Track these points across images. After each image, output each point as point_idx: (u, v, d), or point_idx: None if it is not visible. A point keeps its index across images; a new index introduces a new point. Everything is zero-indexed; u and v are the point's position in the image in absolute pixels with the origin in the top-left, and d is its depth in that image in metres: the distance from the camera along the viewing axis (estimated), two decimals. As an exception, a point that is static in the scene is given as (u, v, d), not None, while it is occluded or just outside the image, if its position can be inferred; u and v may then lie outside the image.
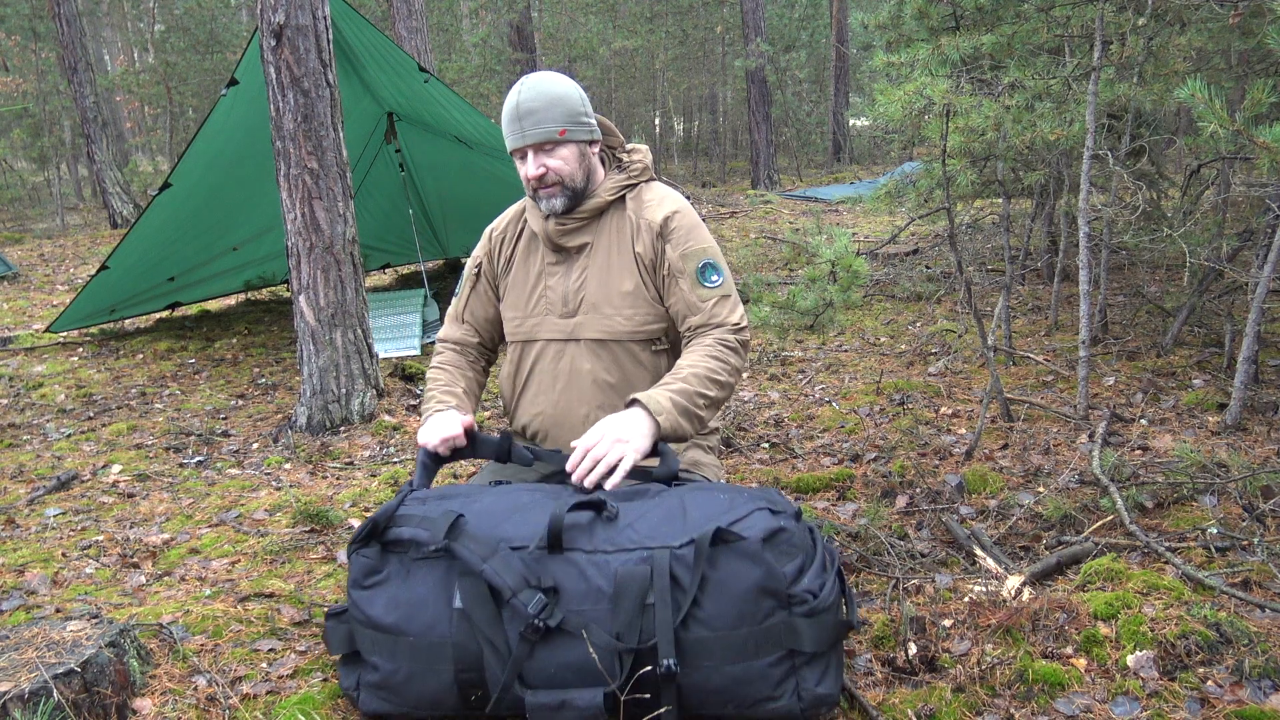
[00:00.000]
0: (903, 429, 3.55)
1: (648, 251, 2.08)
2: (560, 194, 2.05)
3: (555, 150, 2.03)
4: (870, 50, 9.83)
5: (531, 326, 2.16)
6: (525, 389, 2.21)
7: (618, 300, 2.09)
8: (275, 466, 3.65)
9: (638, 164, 2.15)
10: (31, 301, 7.47)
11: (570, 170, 2.04)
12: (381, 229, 7.01)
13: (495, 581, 1.63)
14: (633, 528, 1.71)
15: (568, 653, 1.62)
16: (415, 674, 1.69)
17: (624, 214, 2.12)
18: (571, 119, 2.03)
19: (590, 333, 2.10)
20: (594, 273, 2.11)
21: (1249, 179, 4.43)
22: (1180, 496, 2.74)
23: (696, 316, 2.05)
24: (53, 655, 1.79)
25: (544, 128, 2.00)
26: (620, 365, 2.11)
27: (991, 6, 3.99)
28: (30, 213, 14.05)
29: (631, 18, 16.92)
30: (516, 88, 2.04)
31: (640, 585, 1.61)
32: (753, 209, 10.92)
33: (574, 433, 2.13)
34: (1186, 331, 4.35)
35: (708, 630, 1.61)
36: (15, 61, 15.20)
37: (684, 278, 2.06)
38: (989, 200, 5.96)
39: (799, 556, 1.66)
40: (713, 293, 2.05)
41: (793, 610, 1.63)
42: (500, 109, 2.10)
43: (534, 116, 2.00)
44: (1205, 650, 1.93)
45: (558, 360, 2.14)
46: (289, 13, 3.70)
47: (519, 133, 2.01)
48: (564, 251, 2.14)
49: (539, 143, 2.01)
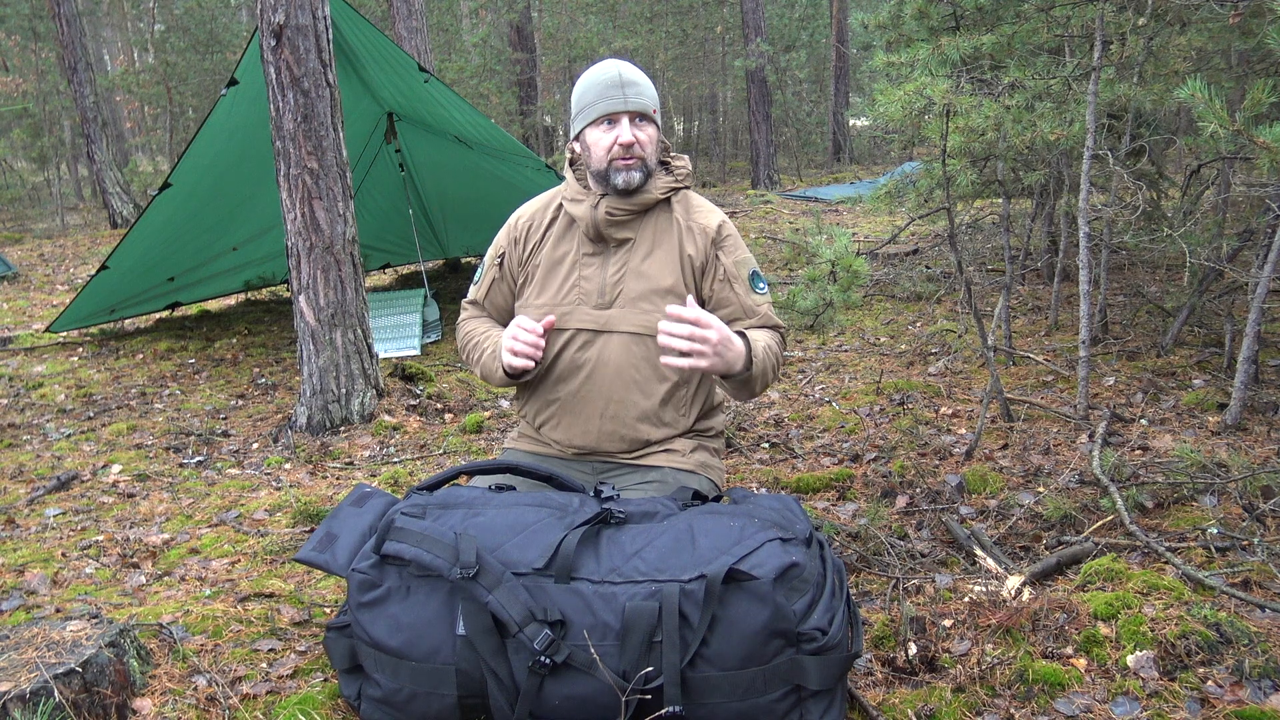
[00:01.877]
0: (903, 429, 3.55)
1: (699, 254, 2.14)
2: (639, 169, 2.09)
3: (645, 126, 2.09)
4: (870, 50, 9.83)
5: (561, 315, 2.15)
6: (545, 376, 2.20)
7: (657, 297, 2.11)
8: (275, 466, 3.65)
9: (683, 169, 2.21)
10: (31, 301, 7.47)
11: (652, 150, 2.12)
12: (381, 229, 7.00)
13: (501, 615, 1.62)
14: (641, 556, 1.69)
15: (573, 686, 1.61)
16: (418, 694, 1.68)
17: (670, 215, 2.17)
18: (657, 104, 2.13)
19: (626, 326, 2.11)
20: (633, 267, 2.13)
21: (1249, 179, 4.43)
22: (1180, 496, 2.74)
23: (752, 320, 2.14)
24: (53, 655, 1.79)
25: (644, 100, 2.08)
26: (650, 360, 2.11)
27: (991, 6, 3.99)
28: (30, 213, 14.05)
29: (631, 18, 16.91)
30: (609, 63, 2.11)
31: (648, 623, 1.60)
32: (753, 209, 10.92)
33: (588, 422, 2.15)
34: (1186, 331, 4.35)
35: (715, 669, 1.60)
36: (15, 61, 15.19)
37: (739, 283, 2.15)
38: (989, 200, 5.96)
39: (809, 591, 1.64)
40: (764, 299, 2.18)
41: (801, 648, 1.62)
42: (500, 109, 2.12)
43: (636, 87, 2.07)
44: (1205, 650, 1.93)
45: (585, 349, 2.14)
46: (289, 13, 3.70)
47: (620, 98, 2.06)
48: (604, 242, 2.16)
49: (639, 111, 2.07)
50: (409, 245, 6.68)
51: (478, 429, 3.98)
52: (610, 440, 2.15)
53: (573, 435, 2.18)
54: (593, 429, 2.15)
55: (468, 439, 3.87)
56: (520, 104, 14.41)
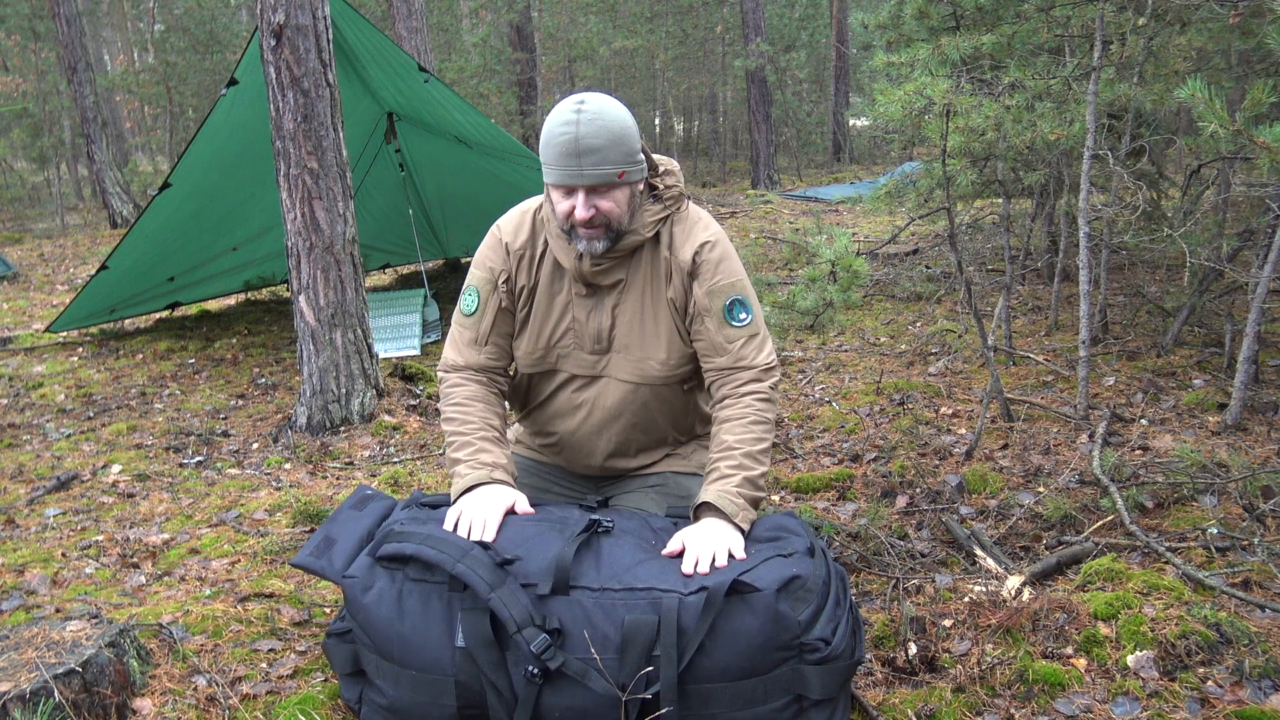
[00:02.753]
0: (903, 429, 3.55)
1: (678, 295, 1.98)
2: (604, 236, 1.88)
3: (610, 193, 1.85)
4: (870, 50, 9.83)
5: (556, 358, 2.06)
6: (541, 407, 2.16)
7: (651, 343, 2.00)
8: (275, 466, 3.65)
9: (671, 190, 2.00)
10: (31, 301, 7.47)
11: (620, 213, 1.88)
12: (381, 229, 7.00)
13: (502, 614, 1.61)
14: (642, 565, 1.68)
15: (572, 697, 1.61)
16: (419, 703, 1.68)
17: (658, 251, 1.99)
18: (630, 158, 1.85)
19: (621, 373, 2.02)
20: (627, 311, 2.01)
21: (1249, 179, 4.43)
22: (1180, 496, 2.74)
23: (723, 358, 1.96)
24: (53, 655, 1.79)
25: (604, 170, 1.81)
26: (647, 405, 2.06)
27: (991, 6, 3.99)
28: (30, 213, 14.04)
29: (631, 18, 16.90)
30: (573, 114, 1.80)
31: (647, 636, 1.59)
32: (753, 209, 10.92)
33: (591, 457, 2.13)
34: (1186, 331, 4.35)
35: (716, 680, 1.60)
36: (15, 61, 15.18)
37: (710, 316, 1.95)
38: (989, 200, 5.96)
39: (813, 602, 1.64)
40: (740, 332, 1.95)
41: (803, 658, 1.62)
42: (500, 109, 2.06)
43: (595, 156, 1.79)
44: (1205, 650, 1.93)
45: (582, 391, 2.07)
46: (289, 13, 3.70)
47: (575, 172, 1.81)
48: (595, 286, 2.02)
49: (596, 185, 1.82)
50: (409, 245, 6.68)
51: (478, 429, 3.98)
52: (613, 469, 2.17)
53: (575, 465, 2.18)
54: (595, 463, 2.15)
55: (468, 439, 3.86)
56: (520, 104, 14.41)
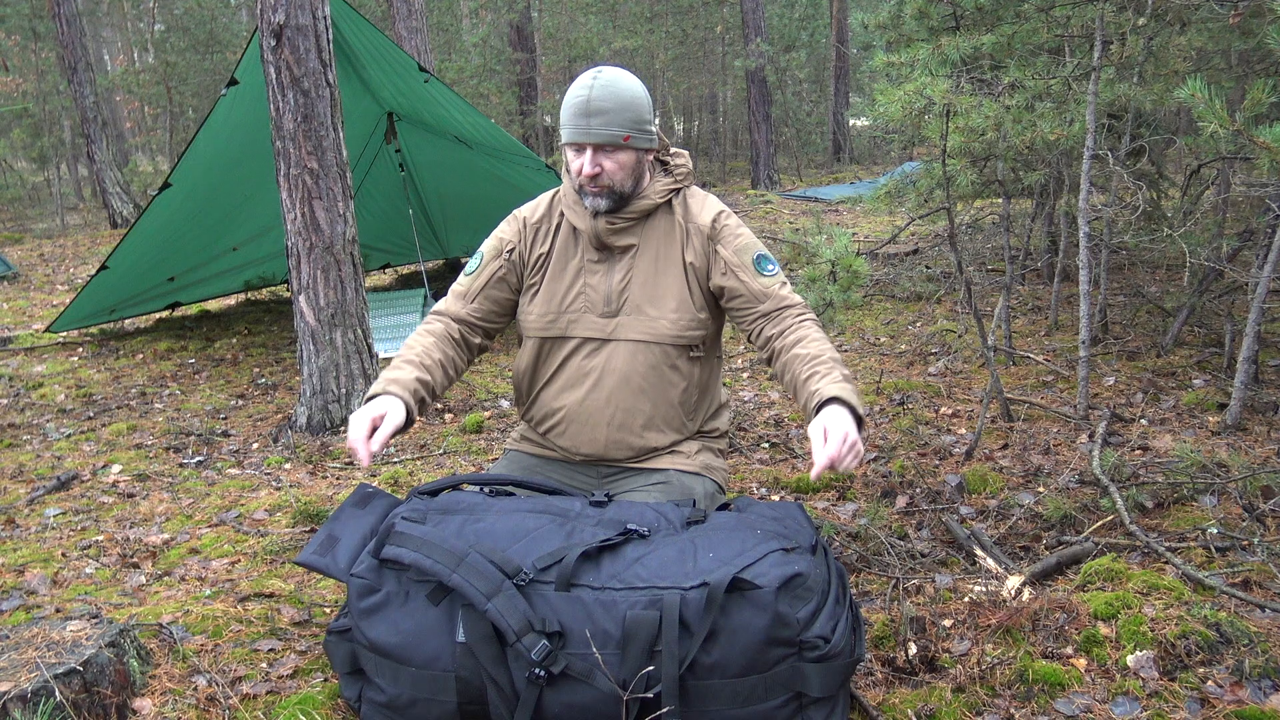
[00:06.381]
0: (903, 429, 3.55)
1: (699, 258, 2.10)
2: (606, 196, 2.04)
3: (615, 154, 2.01)
4: (870, 50, 9.83)
5: (566, 324, 2.13)
6: (549, 384, 2.18)
7: (662, 303, 2.09)
8: (275, 466, 3.65)
9: (682, 168, 2.16)
10: (31, 301, 7.47)
11: (622, 177, 2.03)
12: (381, 229, 7.00)
13: (499, 623, 1.61)
14: (642, 563, 1.68)
15: (573, 695, 1.61)
16: (419, 700, 1.68)
17: (672, 218, 2.13)
18: (637, 125, 2.01)
19: (632, 333, 2.09)
20: (639, 274, 2.11)
21: (1249, 179, 4.43)
22: (1180, 496, 2.74)
23: (766, 303, 2.07)
24: (53, 655, 1.79)
25: (610, 130, 1.98)
26: (656, 368, 2.10)
27: (991, 6, 3.99)
28: (30, 213, 14.04)
29: (631, 18, 16.89)
30: (589, 80, 2.00)
31: (648, 633, 1.59)
32: (753, 209, 10.92)
33: (596, 430, 2.12)
34: (1186, 331, 4.35)
35: (716, 677, 1.60)
36: (15, 61, 15.19)
37: (743, 270, 2.08)
38: (989, 200, 5.96)
39: (813, 600, 1.64)
40: (773, 279, 2.09)
41: (803, 656, 1.62)
42: (500, 109, 2.09)
43: (603, 117, 1.97)
44: (1205, 650, 1.93)
45: (591, 357, 2.12)
46: (289, 13, 3.70)
47: (584, 129, 1.99)
48: (608, 250, 2.13)
49: (603, 143, 1.99)
50: (409, 245, 6.68)
51: (478, 429, 3.98)
52: (617, 448, 2.15)
53: (579, 444, 2.17)
54: (600, 437, 2.14)
55: (468, 439, 3.87)
56: (520, 104, 14.41)
